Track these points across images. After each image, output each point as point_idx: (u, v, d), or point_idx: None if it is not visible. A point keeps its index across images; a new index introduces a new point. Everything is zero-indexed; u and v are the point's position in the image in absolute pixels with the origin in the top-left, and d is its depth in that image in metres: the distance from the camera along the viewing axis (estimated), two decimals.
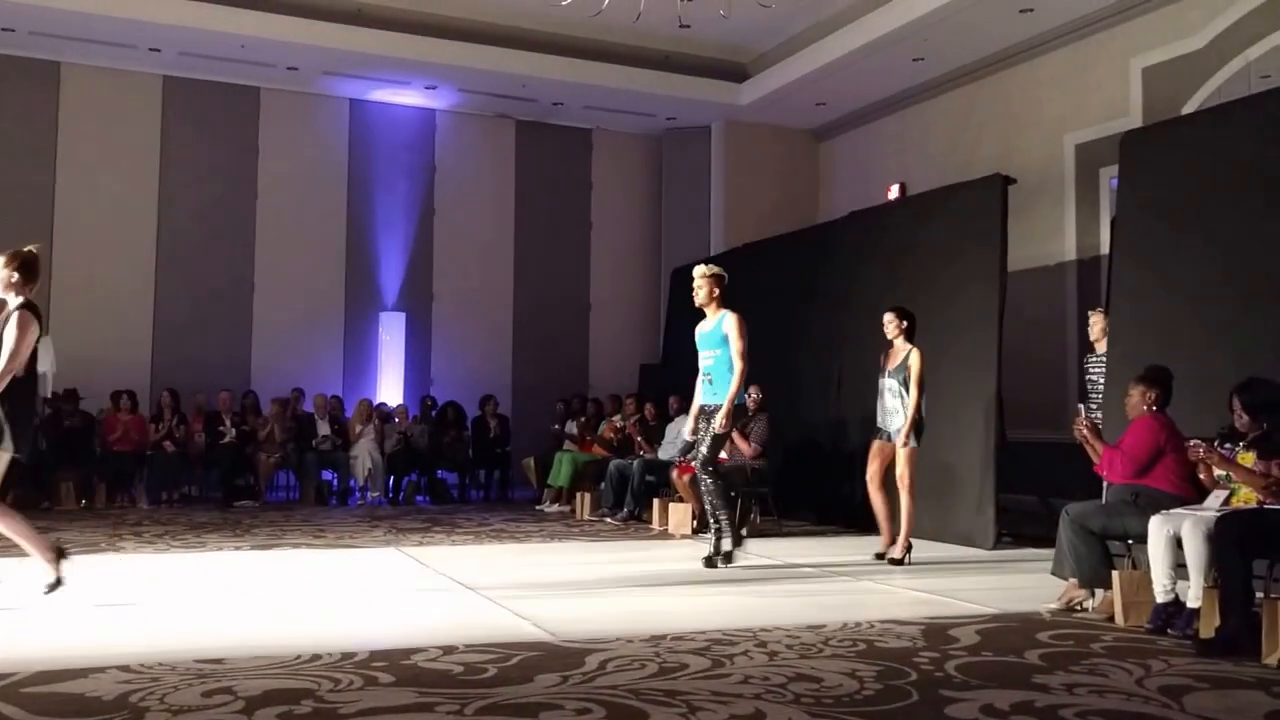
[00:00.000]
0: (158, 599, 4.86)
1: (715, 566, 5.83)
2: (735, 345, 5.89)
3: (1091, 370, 6.73)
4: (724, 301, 6.07)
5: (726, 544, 5.89)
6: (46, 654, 3.56)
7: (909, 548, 6.18)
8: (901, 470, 6.17)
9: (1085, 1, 8.80)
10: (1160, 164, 6.34)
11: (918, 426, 6.18)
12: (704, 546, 7.06)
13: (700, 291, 6.05)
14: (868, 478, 6.45)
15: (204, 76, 11.33)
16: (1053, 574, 4.82)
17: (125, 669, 3.37)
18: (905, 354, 6.28)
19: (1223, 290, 5.73)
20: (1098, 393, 6.48)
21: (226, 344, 11.34)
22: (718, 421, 5.88)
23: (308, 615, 4.54)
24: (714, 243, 12.37)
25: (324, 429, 10.35)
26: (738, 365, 5.87)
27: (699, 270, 6.12)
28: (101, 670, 3.35)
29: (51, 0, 9.45)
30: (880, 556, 6.31)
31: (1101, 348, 6.58)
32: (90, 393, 9.74)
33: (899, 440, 6.19)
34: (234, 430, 9.97)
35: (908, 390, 6.19)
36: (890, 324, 6.40)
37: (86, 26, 9.99)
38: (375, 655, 3.61)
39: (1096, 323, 6.69)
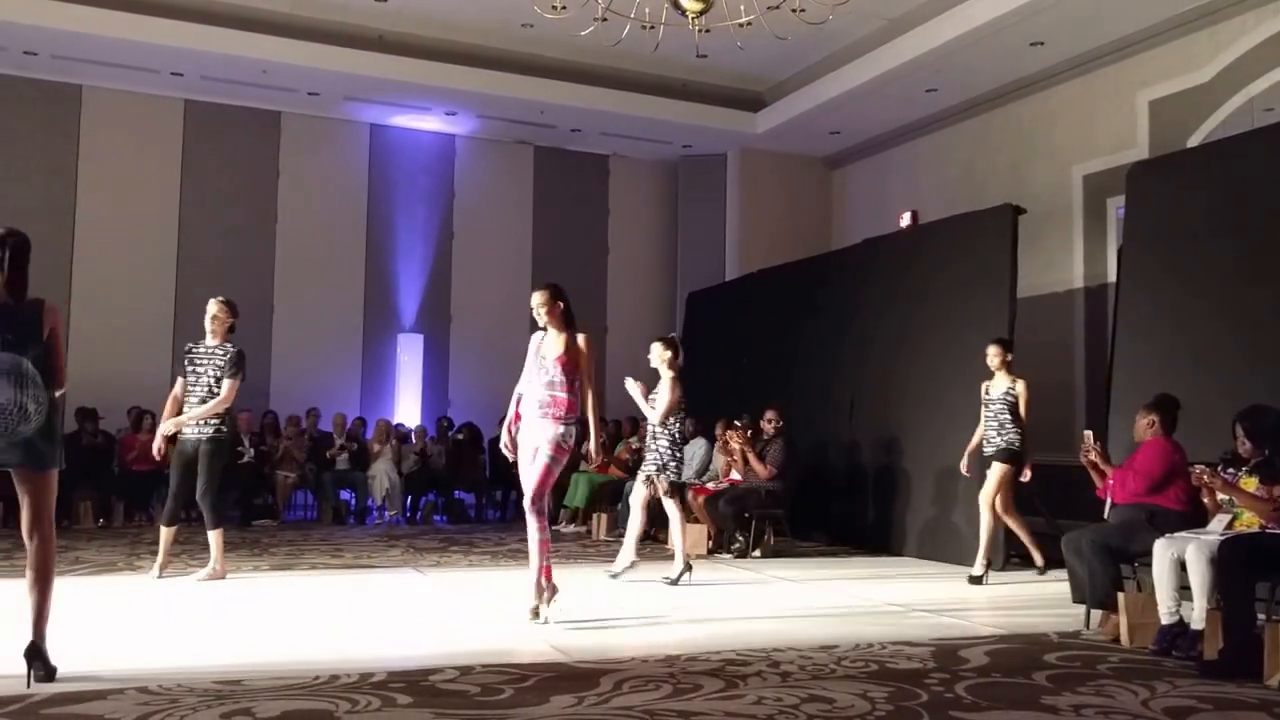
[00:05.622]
0: (176, 619, 4.88)
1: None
2: None
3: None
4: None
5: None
6: (65, 674, 3.55)
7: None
8: None
9: (1094, 36, 8.94)
10: (1166, 195, 6.46)
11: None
12: (720, 567, 7.15)
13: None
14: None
15: (226, 100, 11.46)
16: (1075, 601, 4.87)
17: (144, 690, 3.39)
18: None
19: (1226, 318, 5.84)
20: None
21: (246, 365, 11.43)
22: None
23: (326, 635, 4.56)
24: (728, 268, 12.52)
25: (340, 441, 10.47)
26: None
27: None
28: (120, 691, 3.37)
29: (74, 25, 9.58)
30: None
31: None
32: (110, 412, 9.85)
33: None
34: (253, 450, 10.07)
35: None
36: None
37: (109, 51, 10.10)
38: (393, 676, 3.64)
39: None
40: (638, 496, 6.56)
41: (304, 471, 10.19)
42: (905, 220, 9.69)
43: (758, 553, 7.64)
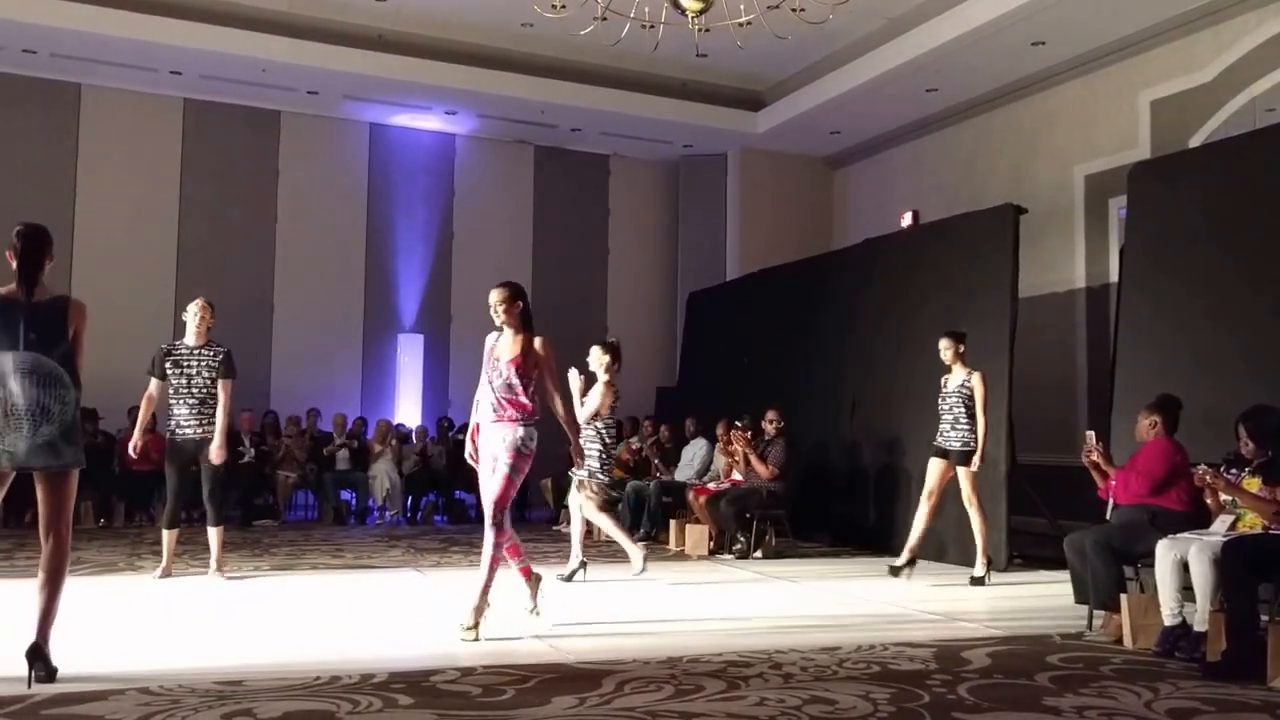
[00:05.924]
0: (177, 619, 4.90)
1: None
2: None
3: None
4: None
5: None
6: (66, 675, 3.55)
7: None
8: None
9: (1095, 35, 8.94)
10: (1167, 195, 6.46)
11: None
12: (721, 568, 7.15)
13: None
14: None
15: (225, 100, 11.45)
16: (1078, 602, 4.87)
17: (145, 690, 3.41)
18: None
19: (1229, 318, 5.83)
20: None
21: (246, 365, 11.22)
22: None
23: (327, 636, 4.59)
24: (729, 269, 12.52)
25: (339, 440, 10.48)
26: None
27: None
28: (121, 692, 3.38)
29: (73, 23, 9.57)
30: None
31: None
32: (110, 412, 9.79)
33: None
34: (253, 450, 10.06)
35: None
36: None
37: (108, 49, 10.10)
38: (394, 677, 3.65)
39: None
40: (576, 499, 6.56)
41: (305, 471, 10.21)
42: (906, 220, 9.67)
43: (759, 553, 7.63)
